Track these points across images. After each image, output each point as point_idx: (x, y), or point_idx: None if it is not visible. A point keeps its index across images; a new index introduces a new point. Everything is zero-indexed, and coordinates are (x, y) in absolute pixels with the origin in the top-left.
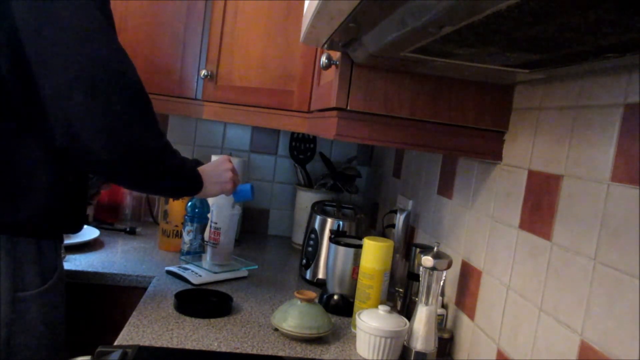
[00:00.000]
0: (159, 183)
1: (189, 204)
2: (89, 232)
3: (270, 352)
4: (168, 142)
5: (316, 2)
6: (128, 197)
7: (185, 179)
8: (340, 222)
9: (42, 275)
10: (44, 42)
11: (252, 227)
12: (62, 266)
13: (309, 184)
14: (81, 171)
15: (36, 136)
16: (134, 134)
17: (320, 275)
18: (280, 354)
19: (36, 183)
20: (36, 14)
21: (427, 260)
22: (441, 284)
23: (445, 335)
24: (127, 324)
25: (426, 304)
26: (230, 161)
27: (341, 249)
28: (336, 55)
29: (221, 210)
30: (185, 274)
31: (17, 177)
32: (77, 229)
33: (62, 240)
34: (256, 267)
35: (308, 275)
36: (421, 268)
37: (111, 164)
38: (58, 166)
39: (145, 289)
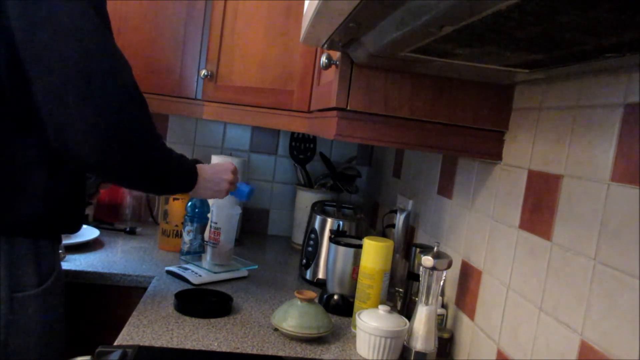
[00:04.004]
0: (153, 183)
1: (189, 204)
2: (89, 232)
3: (270, 352)
4: (163, 143)
5: (316, 2)
6: (128, 197)
7: (178, 179)
8: (340, 222)
9: (40, 276)
10: (38, 42)
11: (252, 227)
12: (60, 266)
13: (309, 184)
14: (79, 171)
15: (33, 136)
16: (126, 137)
17: (320, 275)
18: (280, 354)
19: (33, 183)
20: (31, 13)
21: (427, 260)
22: (441, 284)
23: (445, 335)
24: (127, 324)
25: (426, 304)
26: (233, 172)
27: (341, 249)
28: (336, 55)
29: (221, 210)
30: (185, 274)
31: (14, 177)
32: (75, 228)
33: (60, 241)
34: (256, 267)
35: (308, 275)
36: (421, 268)
37: (103, 167)
38: (55, 166)
39: (145, 289)
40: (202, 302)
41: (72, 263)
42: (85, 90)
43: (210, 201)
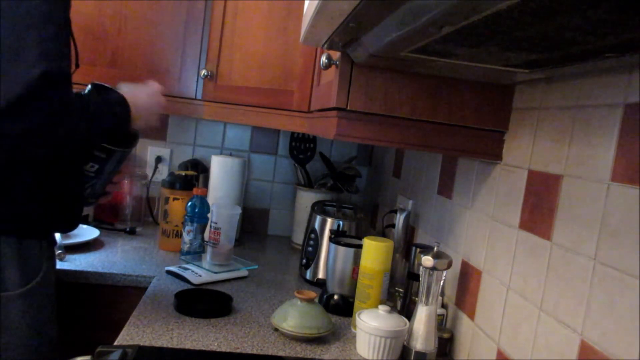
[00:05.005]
0: (88, 138)
1: (189, 204)
2: (89, 232)
3: (270, 352)
4: (74, 109)
5: (316, 2)
6: (128, 197)
7: (107, 127)
8: (340, 222)
9: (24, 276)
10: None
11: (252, 227)
12: (49, 266)
13: (309, 184)
14: (70, 170)
15: None
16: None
17: (320, 275)
18: (280, 354)
19: (18, 182)
20: None
21: (427, 260)
22: (441, 284)
23: (445, 335)
24: (127, 324)
25: (426, 304)
26: (163, 93)
27: (341, 249)
28: (336, 55)
29: (221, 210)
30: (185, 274)
31: None
32: (68, 228)
33: (50, 240)
34: (256, 267)
35: (308, 275)
36: (421, 268)
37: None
38: (43, 165)
39: (145, 289)
40: (202, 302)
41: (72, 263)
42: None
43: (210, 201)
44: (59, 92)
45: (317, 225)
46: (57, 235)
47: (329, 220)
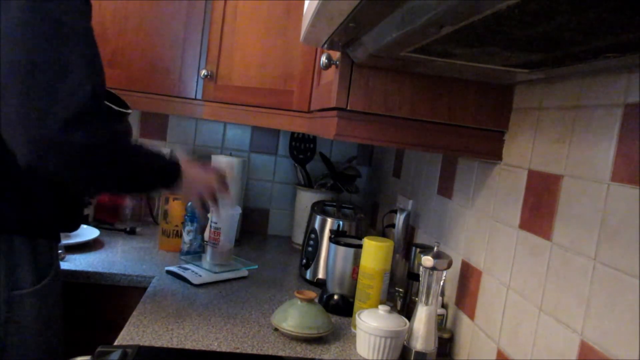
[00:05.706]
0: (116, 185)
1: (189, 204)
2: (89, 232)
3: (270, 352)
4: (127, 144)
5: (316, 2)
6: (128, 197)
7: (152, 178)
8: (340, 222)
9: (38, 274)
10: None
11: (252, 227)
12: (58, 265)
13: (309, 184)
14: None
15: None
16: (69, 137)
17: (320, 275)
18: (280, 354)
19: (30, 183)
20: None
21: (427, 260)
22: (441, 284)
23: (445, 335)
24: (127, 324)
25: (426, 304)
26: (218, 180)
27: (341, 249)
28: (336, 55)
29: (221, 210)
30: (185, 274)
31: (11, 177)
32: (73, 228)
33: (58, 240)
34: (256, 267)
35: (308, 275)
36: (421, 268)
37: (53, 173)
38: None
39: (145, 289)
40: None
41: (72, 263)
42: (25, 93)
43: None
44: (103, 107)
45: (317, 225)
46: None
47: (329, 220)
